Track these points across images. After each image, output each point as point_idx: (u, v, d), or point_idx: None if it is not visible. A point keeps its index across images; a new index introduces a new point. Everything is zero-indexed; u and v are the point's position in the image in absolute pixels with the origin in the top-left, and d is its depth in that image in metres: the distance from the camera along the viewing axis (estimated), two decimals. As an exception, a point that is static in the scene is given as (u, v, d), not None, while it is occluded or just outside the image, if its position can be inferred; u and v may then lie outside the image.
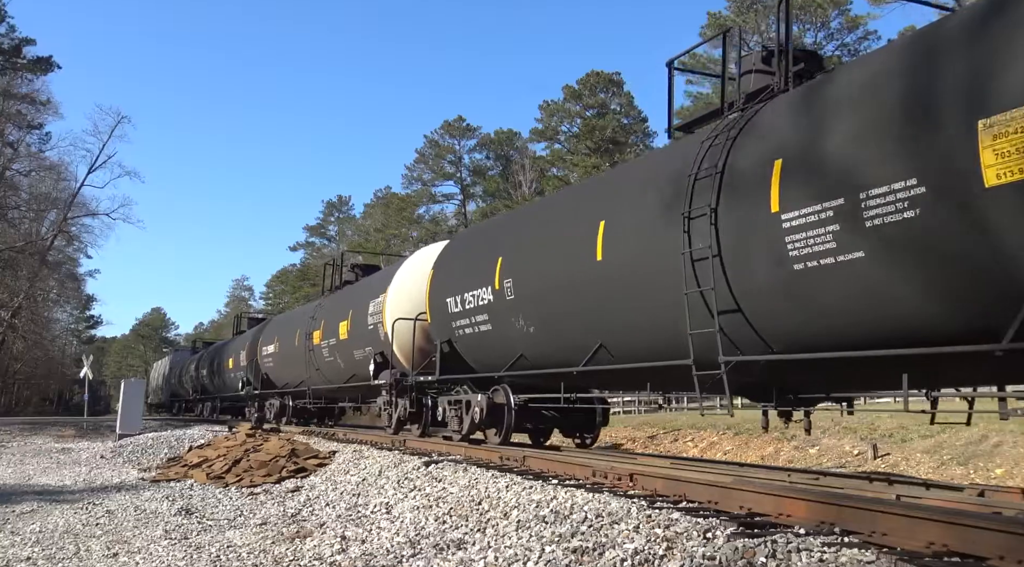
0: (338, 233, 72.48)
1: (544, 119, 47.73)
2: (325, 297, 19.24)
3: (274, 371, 21.71)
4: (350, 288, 17.61)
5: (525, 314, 9.45)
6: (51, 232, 39.99)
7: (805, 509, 4.67)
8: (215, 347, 35.57)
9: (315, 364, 17.67)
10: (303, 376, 18.91)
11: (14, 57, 35.89)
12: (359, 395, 17.32)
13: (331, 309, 17.31)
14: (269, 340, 22.16)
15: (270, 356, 21.84)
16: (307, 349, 17.99)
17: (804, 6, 33.97)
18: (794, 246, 5.63)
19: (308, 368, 18.17)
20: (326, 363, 17.08)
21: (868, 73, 5.54)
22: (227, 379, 28.23)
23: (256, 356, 23.17)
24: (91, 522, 8.15)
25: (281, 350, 20.80)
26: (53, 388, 57.80)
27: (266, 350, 22.25)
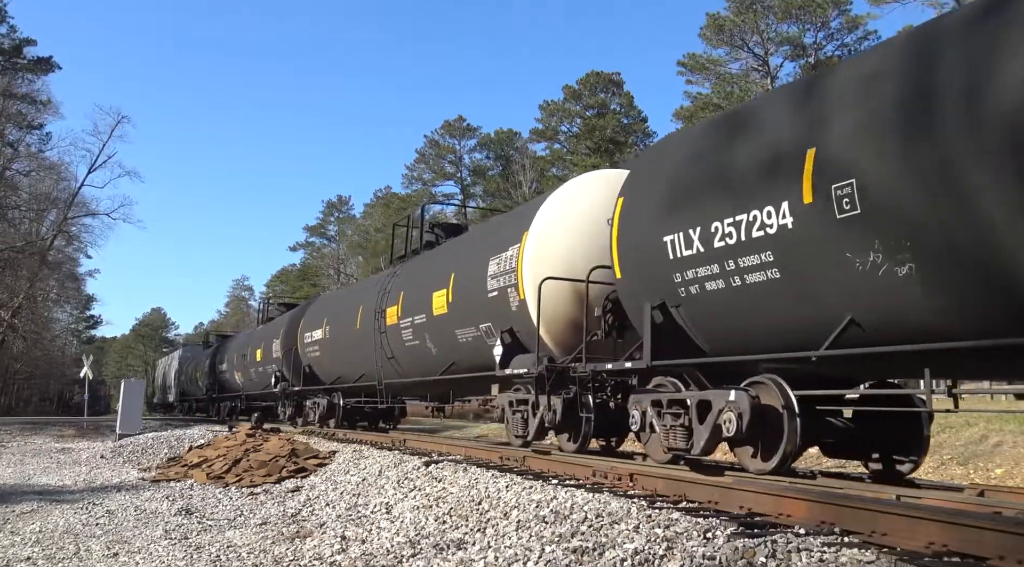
0: (338, 233, 72.45)
1: (544, 119, 47.76)
2: (399, 264, 15.24)
3: (321, 363, 17.90)
4: (443, 248, 13.56)
5: (890, 236, 5.01)
6: (51, 232, 39.99)
7: (805, 509, 4.67)
8: (236, 338, 31.93)
9: (388, 350, 13.71)
10: (367, 367, 14.87)
11: (14, 57, 35.90)
12: (448, 392, 13.55)
13: (414, 277, 13.30)
14: (315, 323, 18.17)
15: (316, 344, 17.91)
16: (377, 331, 13.92)
17: (804, 6, 33.97)
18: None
19: (377, 357, 14.04)
20: (407, 349, 12.98)
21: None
22: (253, 374, 24.57)
23: (296, 345, 19.24)
24: (91, 522, 8.15)
25: (333, 336, 16.87)
26: (53, 388, 57.80)
27: (310, 336, 18.30)
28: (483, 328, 10.37)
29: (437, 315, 11.60)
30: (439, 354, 11.94)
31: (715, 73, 37.28)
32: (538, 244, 9.30)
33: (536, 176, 46.80)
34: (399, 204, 56.34)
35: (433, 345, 12.01)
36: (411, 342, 12.72)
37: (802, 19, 34.97)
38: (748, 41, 36.06)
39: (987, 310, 4.72)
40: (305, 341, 18.65)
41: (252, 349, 24.99)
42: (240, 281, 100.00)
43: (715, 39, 36.37)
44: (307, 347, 18.57)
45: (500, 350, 9.79)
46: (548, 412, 8.95)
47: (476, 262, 10.65)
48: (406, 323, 12.80)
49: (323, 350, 17.58)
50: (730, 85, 36.47)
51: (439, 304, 11.60)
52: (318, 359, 18.08)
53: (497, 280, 9.95)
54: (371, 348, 14.26)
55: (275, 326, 23.17)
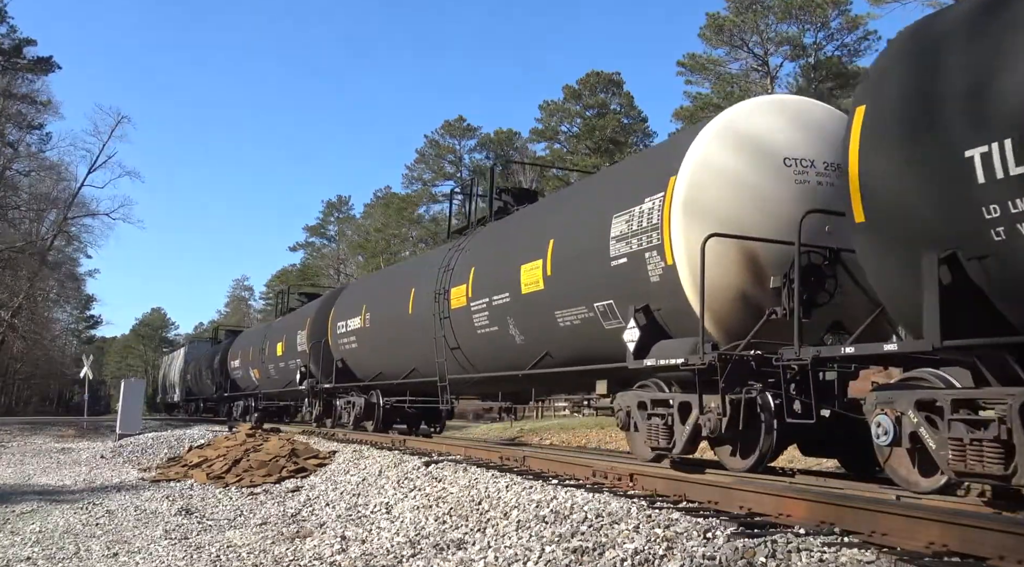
0: (338, 233, 72.45)
1: (544, 119, 47.71)
2: (466, 236, 12.72)
3: (358, 356, 15.72)
4: (533, 211, 11.35)
5: None
6: (51, 232, 40.03)
7: (805, 509, 4.67)
8: (251, 332, 29.73)
9: (452, 339, 11.54)
10: (421, 360, 12.78)
11: (14, 57, 35.88)
12: (529, 389, 11.40)
13: (491, 248, 11.10)
14: (351, 311, 15.94)
15: (352, 335, 15.72)
16: (437, 317, 11.71)
17: (804, 6, 33.95)
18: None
19: (438, 347, 11.81)
20: (480, 337, 10.81)
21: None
22: (271, 371, 22.15)
23: (326, 336, 17.12)
24: (91, 522, 8.15)
25: (375, 324, 14.68)
26: (53, 388, 57.84)
27: (344, 326, 16.10)
28: (601, 307, 8.07)
29: (528, 294, 9.32)
30: (527, 342, 9.69)
31: (715, 73, 37.26)
32: (695, 191, 6.97)
33: (536, 176, 46.80)
34: (399, 204, 56.36)
35: (519, 331, 9.76)
36: (486, 328, 10.45)
37: (802, 19, 34.96)
38: (748, 41, 36.02)
39: None
40: (338, 332, 16.39)
41: (271, 343, 22.30)
42: (240, 281, 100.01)
43: (715, 39, 36.34)
44: (340, 339, 16.30)
45: (636, 334, 7.41)
46: (713, 416, 6.52)
47: (590, 222, 8.34)
48: (479, 305, 10.50)
49: (361, 342, 15.32)
50: (730, 85, 36.44)
51: (531, 280, 9.29)
52: (354, 352, 15.82)
53: (627, 243, 7.59)
54: (428, 337, 12.01)
55: (299, 316, 20.61)
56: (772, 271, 6.63)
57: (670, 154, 7.59)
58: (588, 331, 8.40)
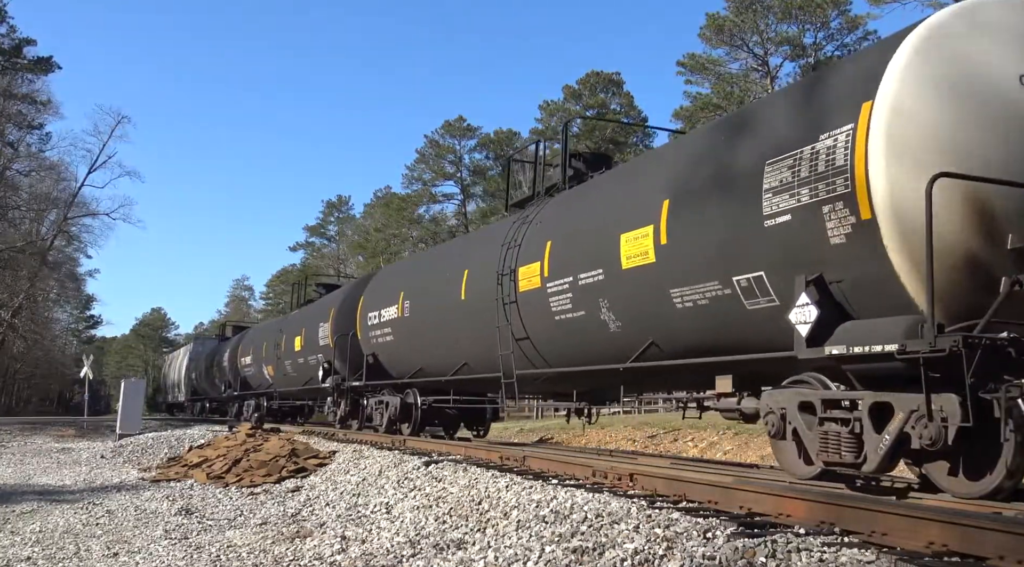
0: (338, 233, 72.49)
1: (544, 119, 47.71)
2: (535, 206, 10.65)
3: (394, 350, 13.81)
4: (634, 165, 9.76)
5: None
6: (51, 232, 40.08)
7: (805, 509, 4.67)
8: (263, 326, 27.79)
9: (520, 329, 9.66)
10: (476, 353, 11.07)
11: (14, 57, 35.91)
12: (618, 386, 9.28)
13: (573, 216, 9.27)
14: (385, 299, 14.10)
15: (387, 326, 13.82)
16: (501, 302, 9.88)
17: (804, 6, 33.96)
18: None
19: (501, 338, 9.96)
20: (558, 324, 8.93)
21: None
22: (288, 367, 20.34)
23: (355, 329, 15.30)
24: (91, 522, 8.15)
25: (416, 314, 12.76)
26: (53, 388, 57.88)
27: (377, 317, 14.26)
28: (743, 282, 6.35)
29: (631, 269, 7.52)
30: (625, 330, 7.91)
31: (715, 73, 37.27)
32: (905, 119, 5.21)
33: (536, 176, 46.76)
34: (399, 204, 56.37)
35: (614, 316, 7.97)
36: (567, 314, 8.68)
37: (802, 19, 34.97)
38: (748, 41, 36.04)
39: None
40: (369, 323, 14.52)
41: (288, 337, 20.31)
42: (240, 281, 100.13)
43: (715, 39, 36.35)
44: (372, 331, 14.39)
45: (812, 314, 5.65)
46: (935, 424, 4.84)
47: (730, 174, 6.59)
48: (559, 286, 8.73)
49: (398, 334, 13.42)
50: (730, 85, 36.46)
51: (635, 251, 7.48)
52: (389, 346, 13.93)
53: (791, 195, 5.82)
54: (486, 327, 10.22)
55: (322, 307, 18.63)
56: (1012, 226, 5.03)
57: (857, 75, 5.81)
58: (719, 313, 6.66)
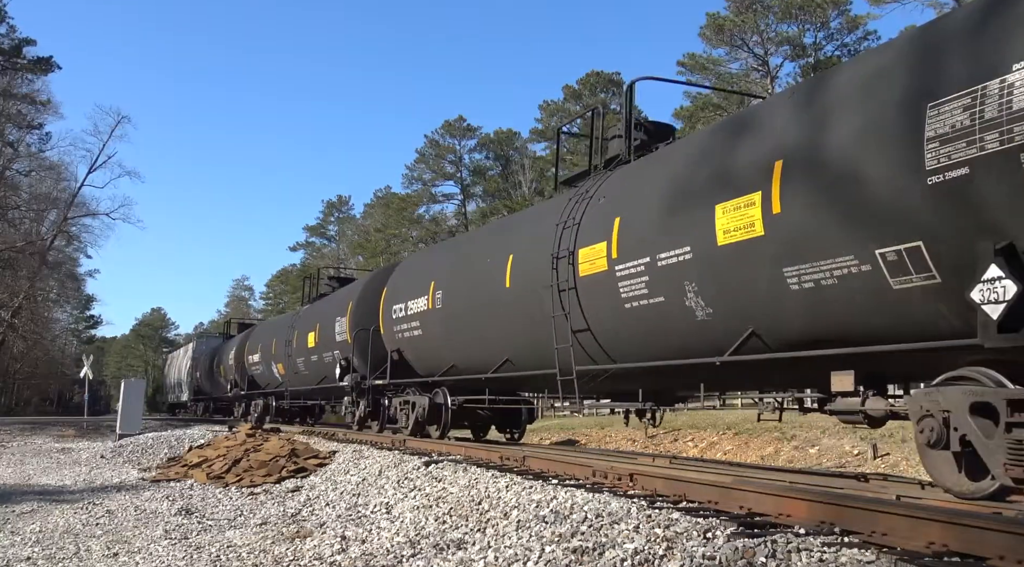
0: (338, 233, 72.53)
1: (544, 119, 47.74)
2: (596, 180, 9.13)
3: (423, 346, 12.60)
4: (722, 124, 8.49)
5: None
6: (51, 232, 40.08)
7: (805, 509, 4.67)
8: (272, 323, 26.47)
9: (580, 319, 8.46)
10: (520, 348, 9.93)
11: (14, 57, 35.94)
12: (690, 385, 8.36)
13: (642, 188, 8.08)
14: (411, 290, 12.82)
15: (414, 320, 12.55)
16: (554, 290, 8.71)
17: (804, 6, 33.96)
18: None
19: (557, 329, 8.75)
20: (629, 312, 7.75)
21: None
22: (300, 365, 19.22)
23: (376, 323, 14.19)
24: (91, 522, 8.15)
25: (450, 305, 11.47)
26: (53, 388, 57.78)
27: (402, 310, 12.99)
28: (890, 255, 5.22)
29: (729, 244, 6.41)
30: (717, 317, 6.75)
31: (715, 73, 37.27)
32: None
33: (536, 176, 46.82)
34: (399, 204, 56.43)
35: (704, 302, 6.80)
36: (640, 300, 7.45)
37: (802, 19, 34.97)
38: (748, 41, 36.05)
39: None
40: (393, 316, 13.35)
41: (300, 333, 19.20)
42: (240, 281, 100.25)
43: (715, 39, 36.37)
44: (397, 325, 13.24)
45: (1009, 291, 4.58)
46: None
47: (867, 123, 5.39)
48: (631, 268, 7.54)
49: (428, 327, 12.15)
50: (730, 85, 36.45)
51: (736, 223, 6.32)
52: (416, 341, 12.72)
53: (968, 143, 4.70)
54: (537, 317, 9.12)
55: (338, 300, 17.40)
56: None
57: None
58: (850, 294, 5.58)
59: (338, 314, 16.55)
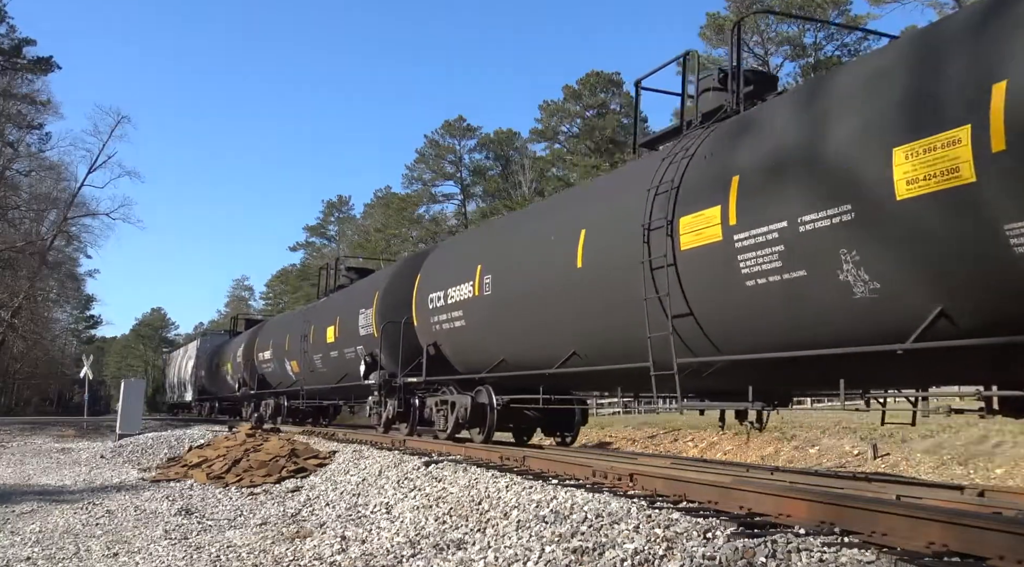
0: (338, 233, 72.54)
1: (544, 119, 47.77)
2: (694, 138, 7.62)
3: (465, 338, 11.06)
4: (893, 46, 6.20)
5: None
6: (51, 232, 40.08)
7: (805, 509, 4.67)
8: (286, 318, 24.78)
9: (681, 302, 6.96)
10: (591, 338, 8.48)
11: (14, 57, 35.96)
12: (826, 381, 6.64)
13: (769, 139, 6.40)
14: (453, 275, 11.32)
15: (456, 309, 11.04)
16: (646, 267, 7.22)
17: (804, 6, 33.98)
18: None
19: (651, 316, 7.16)
20: (751, 291, 6.28)
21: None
22: (318, 362, 17.94)
23: (409, 314, 12.78)
24: (91, 522, 8.16)
25: (502, 291, 9.96)
26: (53, 388, 57.78)
27: (442, 298, 11.47)
28: None
29: (912, 198, 4.94)
30: (888, 293, 5.26)
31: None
32: None
33: (536, 176, 46.84)
34: (399, 204, 56.48)
35: (868, 275, 5.31)
36: (770, 276, 6.00)
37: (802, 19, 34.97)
38: (748, 41, 36.04)
39: None
40: (430, 306, 11.92)
41: (317, 327, 17.87)
42: (240, 281, 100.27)
43: (715, 39, 36.39)
44: (435, 316, 11.78)
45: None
46: None
47: None
48: (756, 237, 6.10)
49: (473, 317, 10.71)
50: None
51: (928, 170, 4.85)
52: (458, 333, 11.22)
53: None
54: (617, 302, 7.69)
55: (362, 290, 16.02)
56: None
57: None
58: None
59: (362, 306, 15.11)
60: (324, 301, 19.48)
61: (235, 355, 27.27)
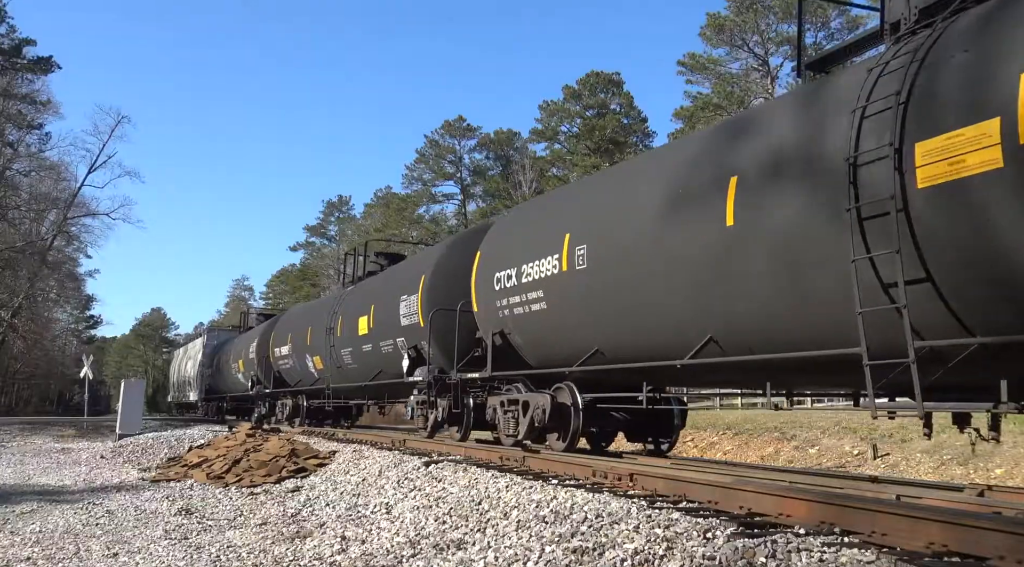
0: (338, 233, 72.53)
1: (544, 119, 47.82)
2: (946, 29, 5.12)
3: (546, 323, 9.27)
4: None
5: None
6: (51, 232, 40.08)
7: (805, 509, 4.67)
8: (306, 309, 22.41)
9: (916, 264, 4.92)
10: (741, 318, 6.50)
11: (14, 57, 35.97)
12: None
13: None
14: (528, 249, 9.53)
15: (533, 289, 9.31)
16: (853, 219, 5.27)
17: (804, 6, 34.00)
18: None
19: (860, 282, 5.19)
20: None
21: None
22: (344, 358, 15.97)
23: (468, 298, 10.97)
24: (91, 522, 8.16)
25: (601, 263, 8.12)
26: (53, 388, 57.84)
27: (514, 276, 9.68)
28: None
29: None
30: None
31: (715, 73, 37.32)
32: None
33: (536, 176, 46.85)
34: (399, 204, 56.52)
35: None
36: None
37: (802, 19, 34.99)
38: (748, 41, 36.10)
39: None
40: (496, 287, 10.02)
41: (346, 318, 16.01)
42: (240, 281, 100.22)
43: (715, 39, 36.42)
44: (502, 299, 9.89)
45: None
46: None
47: None
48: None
49: (556, 299, 8.87)
50: (730, 85, 36.49)
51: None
52: (536, 319, 9.33)
53: None
54: (801, 264, 5.81)
55: (400, 275, 14.19)
56: None
57: None
58: None
59: (404, 292, 13.11)
60: (353, 289, 17.34)
61: (247, 351, 25.00)
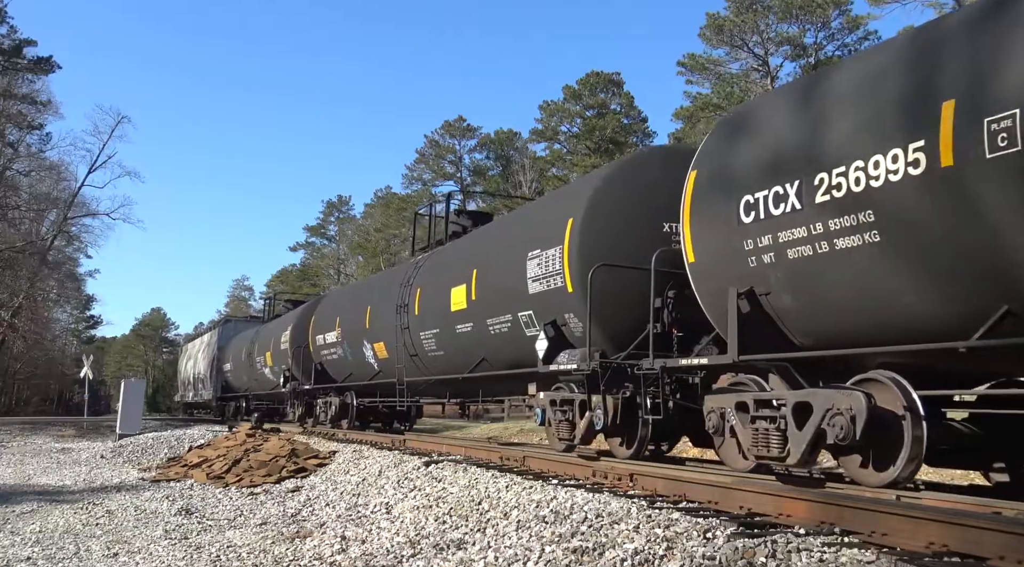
0: (338, 233, 72.48)
1: (544, 119, 47.73)
2: None
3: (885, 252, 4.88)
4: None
5: None
6: (51, 232, 40.05)
7: (805, 509, 4.67)
8: (362, 286, 19.56)
9: None
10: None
11: (14, 57, 35.94)
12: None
13: None
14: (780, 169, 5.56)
15: (865, 205, 4.88)
16: None
17: (804, 6, 33.95)
18: None
19: None
20: None
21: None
22: (424, 344, 12.23)
23: (686, 234, 6.63)
24: (91, 522, 8.16)
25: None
26: (53, 388, 57.82)
27: (775, 198, 5.54)
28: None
29: None
30: None
31: (715, 73, 37.26)
32: None
33: (536, 176, 46.83)
34: (399, 204, 56.41)
35: None
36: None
37: (802, 19, 34.96)
38: (748, 41, 36.02)
39: None
40: (747, 219, 5.89)
41: (430, 291, 12.14)
42: (240, 281, 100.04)
43: (715, 39, 36.35)
44: (760, 234, 5.78)
45: None
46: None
47: None
48: None
49: (916, 217, 4.66)
50: (730, 85, 36.44)
51: None
52: (843, 263, 5.17)
53: None
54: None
55: (523, 223, 10.34)
56: None
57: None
58: None
59: (534, 244, 9.11)
60: (432, 255, 13.41)
61: (276, 342, 21.22)
